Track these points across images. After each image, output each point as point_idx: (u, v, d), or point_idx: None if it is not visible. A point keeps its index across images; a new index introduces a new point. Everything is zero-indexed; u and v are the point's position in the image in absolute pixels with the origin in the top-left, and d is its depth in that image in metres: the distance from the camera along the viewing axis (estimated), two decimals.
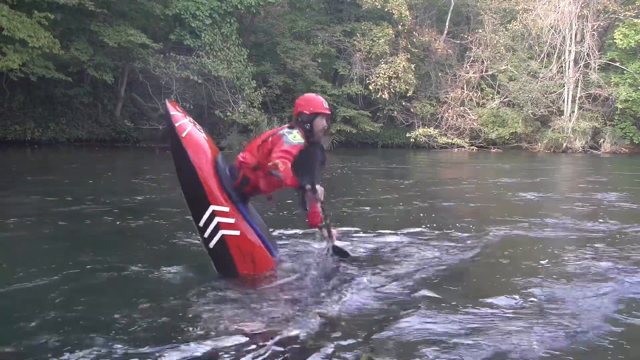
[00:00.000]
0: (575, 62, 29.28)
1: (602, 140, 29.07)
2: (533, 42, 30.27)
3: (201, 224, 3.80)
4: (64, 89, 19.49)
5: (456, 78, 29.90)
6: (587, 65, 29.25)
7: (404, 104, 28.24)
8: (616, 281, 4.15)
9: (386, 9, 25.89)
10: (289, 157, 3.71)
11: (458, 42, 30.46)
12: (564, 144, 28.64)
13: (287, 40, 25.03)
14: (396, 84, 26.06)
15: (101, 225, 5.86)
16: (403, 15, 26.08)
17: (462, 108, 29.21)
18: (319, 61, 25.40)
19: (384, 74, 25.87)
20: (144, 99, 21.37)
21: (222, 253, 3.80)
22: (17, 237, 5.30)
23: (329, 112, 4.09)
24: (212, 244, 3.80)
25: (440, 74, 29.88)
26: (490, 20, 29.96)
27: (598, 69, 29.30)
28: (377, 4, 25.61)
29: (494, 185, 12.19)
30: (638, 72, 27.44)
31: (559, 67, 29.52)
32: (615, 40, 27.99)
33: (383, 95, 26.14)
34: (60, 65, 17.98)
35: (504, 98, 29.47)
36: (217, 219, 3.75)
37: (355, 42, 26.16)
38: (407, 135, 27.80)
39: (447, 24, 30.28)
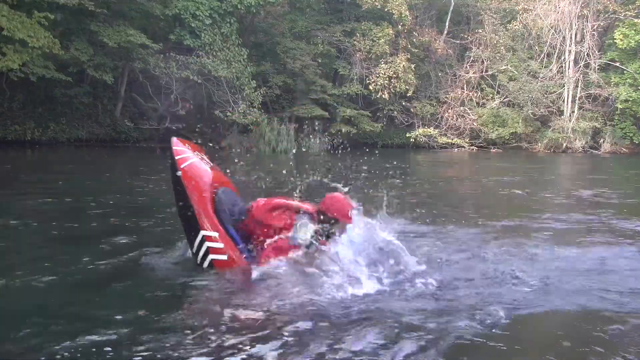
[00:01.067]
0: (575, 62, 29.28)
1: (602, 140, 29.07)
2: (533, 42, 30.27)
3: (194, 249, 4.01)
4: (64, 89, 19.48)
5: (456, 78, 29.89)
6: (587, 65, 29.25)
7: (404, 104, 28.24)
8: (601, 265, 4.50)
9: (386, 9, 25.87)
10: (276, 254, 3.86)
11: (458, 42, 30.45)
12: (564, 144, 28.64)
13: (287, 40, 25.02)
14: (396, 84, 26.05)
15: (102, 225, 5.86)
16: (403, 15, 26.07)
17: (462, 108, 29.21)
18: (319, 61, 25.39)
19: (384, 74, 25.87)
20: (144, 99, 21.35)
21: None
22: (15, 238, 5.30)
23: (351, 222, 3.96)
24: (204, 267, 3.99)
25: (440, 74, 29.87)
26: (490, 20, 29.95)
27: (598, 69, 29.30)
28: (377, 4, 25.60)
29: (492, 182, 12.25)
30: (638, 72, 27.44)
31: (559, 67, 29.52)
32: (615, 40, 27.99)
33: (383, 95, 26.14)
34: (60, 65, 17.97)
35: (504, 98, 29.46)
36: (206, 244, 3.94)
37: (355, 42, 26.15)
38: (407, 135, 27.80)
39: (447, 24, 30.27)
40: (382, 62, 26.11)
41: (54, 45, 16.46)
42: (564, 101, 29.23)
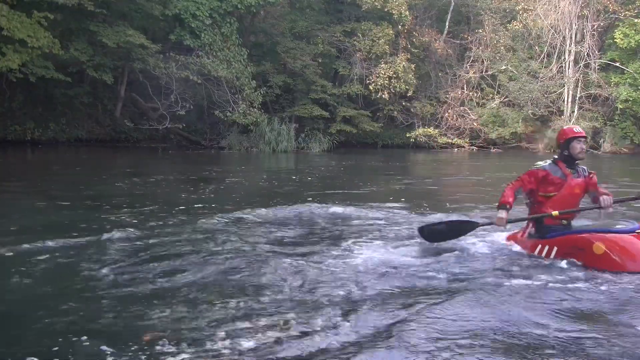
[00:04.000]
0: (575, 62, 29.25)
1: (602, 140, 29.06)
2: (533, 42, 30.24)
3: None
4: (64, 89, 19.47)
5: (456, 78, 29.87)
6: (587, 65, 29.23)
7: (404, 104, 28.22)
8: None
9: (386, 9, 25.85)
10: (517, 182, 4.75)
11: (458, 42, 30.43)
12: None
13: (287, 40, 25.01)
14: (396, 84, 26.03)
15: (104, 225, 5.85)
16: (403, 15, 26.05)
17: (462, 108, 29.19)
18: (319, 61, 25.36)
19: (384, 74, 25.85)
20: (144, 99, 21.35)
21: None
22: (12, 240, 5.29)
23: (582, 135, 4.69)
24: None
25: (440, 74, 29.85)
26: (490, 20, 29.93)
27: (598, 69, 29.29)
28: (377, 4, 25.58)
29: (489, 179, 12.40)
30: (638, 72, 27.43)
31: (559, 67, 29.50)
32: (615, 40, 27.98)
33: (383, 95, 26.12)
34: (60, 65, 17.96)
35: (504, 98, 29.45)
36: None
37: (355, 42, 26.14)
38: (407, 135, 27.78)
39: (447, 24, 30.26)
40: (382, 62, 26.09)
41: (53, 45, 16.46)
42: (564, 101, 29.21)
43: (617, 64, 28.53)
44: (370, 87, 26.03)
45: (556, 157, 4.80)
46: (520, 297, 3.62)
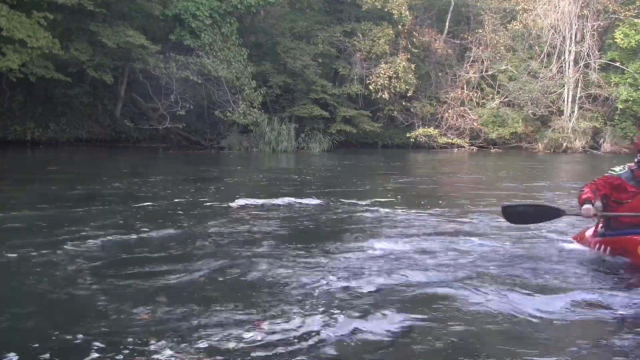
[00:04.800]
0: (575, 62, 29.27)
1: (602, 140, 29.07)
2: (533, 42, 30.26)
3: None
4: (64, 89, 19.45)
5: (456, 78, 29.87)
6: (587, 65, 29.24)
7: (404, 104, 28.21)
8: None
9: (386, 9, 25.85)
10: (592, 185, 4.70)
11: (458, 42, 30.43)
12: (564, 144, 28.63)
13: (287, 40, 24.99)
14: (396, 84, 26.02)
15: (103, 225, 5.84)
16: (403, 15, 26.04)
17: (462, 108, 29.19)
18: (319, 61, 25.34)
19: (384, 74, 25.84)
20: (144, 99, 21.33)
21: None
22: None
23: None
24: None
25: (440, 74, 29.85)
26: (490, 20, 29.94)
27: (598, 69, 29.30)
28: (377, 4, 25.57)
29: (485, 179, 12.42)
30: (638, 72, 27.44)
31: (559, 67, 29.52)
32: (615, 40, 27.99)
33: (383, 95, 26.11)
34: (60, 65, 17.93)
35: (504, 98, 29.45)
36: None
37: (355, 42, 26.13)
38: (407, 135, 27.76)
39: (447, 24, 30.26)
40: (382, 62, 26.08)
41: (53, 45, 16.43)
42: (564, 101, 29.22)
43: (617, 64, 28.55)
44: (370, 87, 26.02)
45: (634, 163, 4.63)
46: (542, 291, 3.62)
